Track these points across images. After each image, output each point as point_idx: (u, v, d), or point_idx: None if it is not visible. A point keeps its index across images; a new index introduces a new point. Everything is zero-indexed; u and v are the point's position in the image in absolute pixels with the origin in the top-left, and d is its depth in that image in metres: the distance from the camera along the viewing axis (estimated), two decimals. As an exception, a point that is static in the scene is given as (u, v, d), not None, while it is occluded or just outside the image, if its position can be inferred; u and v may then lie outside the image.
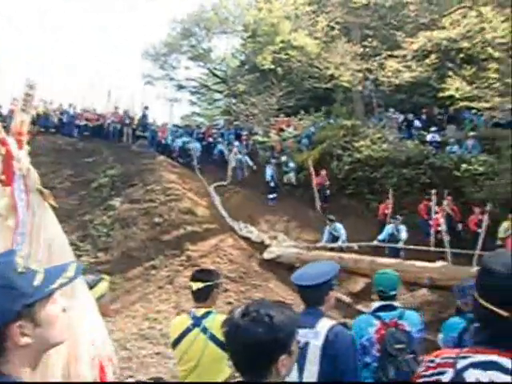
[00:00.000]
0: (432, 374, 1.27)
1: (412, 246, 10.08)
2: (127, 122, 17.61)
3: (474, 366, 1.19)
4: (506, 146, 12.61)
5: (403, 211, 12.56)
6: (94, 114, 17.98)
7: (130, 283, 9.47)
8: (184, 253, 10.39)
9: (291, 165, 15.01)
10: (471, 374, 1.17)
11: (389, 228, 10.78)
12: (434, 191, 11.12)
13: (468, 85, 12.49)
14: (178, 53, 26.09)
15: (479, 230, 10.26)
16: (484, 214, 10.46)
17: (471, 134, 13.89)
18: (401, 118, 15.78)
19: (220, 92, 27.13)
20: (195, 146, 16.36)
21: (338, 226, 11.09)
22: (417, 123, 15.51)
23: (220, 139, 17.76)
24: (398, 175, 13.63)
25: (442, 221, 10.51)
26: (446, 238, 10.09)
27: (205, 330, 2.82)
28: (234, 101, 22.12)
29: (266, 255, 10.42)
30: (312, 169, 13.86)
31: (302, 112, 18.01)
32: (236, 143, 16.45)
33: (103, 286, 2.64)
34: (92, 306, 1.83)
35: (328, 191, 13.89)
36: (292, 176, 14.86)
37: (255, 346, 1.25)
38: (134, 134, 17.51)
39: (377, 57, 15.20)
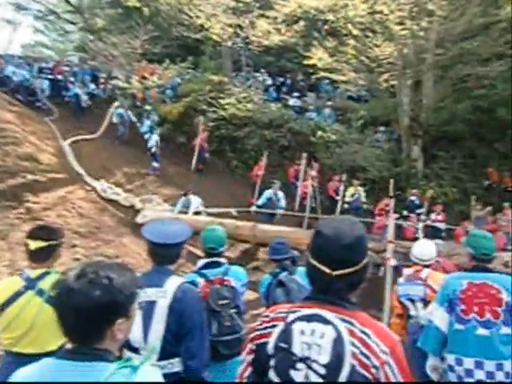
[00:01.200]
0: (265, 328, 1.38)
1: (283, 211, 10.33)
2: None
3: (301, 318, 1.31)
4: (356, 118, 13.91)
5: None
6: None
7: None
8: (23, 204, 8.95)
9: (154, 117, 14.10)
10: (297, 326, 1.31)
11: (267, 193, 10.58)
12: (305, 155, 11.62)
13: (329, 57, 13.18)
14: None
15: (337, 197, 11.17)
16: (341, 182, 11.37)
17: (328, 103, 14.90)
18: (268, 80, 16.04)
19: (73, 23, 23.70)
20: (42, 84, 14.10)
21: (194, 199, 10.13)
22: (282, 87, 15.98)
23: (72, 78, 15.66)
24: (260, 136, 13.99)
25: (309, 187, 11.01)
26: (311, 204, 10.74)
27: (41, 293, 2.55)
28: (90, 37, 19.56)
29: (140, 219, 9.36)
30: (201, 129, 13.09)
31: (168, 61, 16.96)
32: (92, 86, 14.69)
33: None
34: None
35: (207, 154, 13.36)
36: (144, 124, 13.85)
37: (90, 309, 1.18)
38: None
39: (249, 14, 14.99)
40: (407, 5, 12.07)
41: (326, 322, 1.29)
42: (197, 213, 9.87)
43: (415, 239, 7.76)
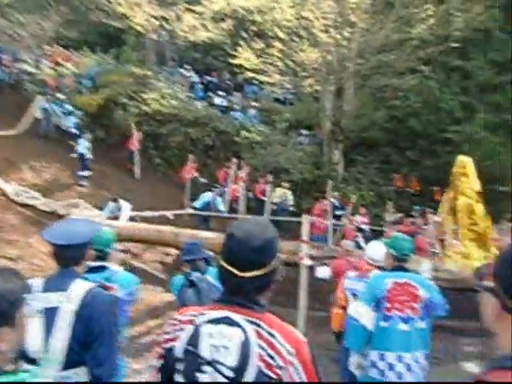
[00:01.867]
0: (174, 331, 1.36)
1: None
2: None
3: (210, 321, 1.31)
4: (280, 120, 14.08)
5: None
6: None
7: None
8: None
9: (68, 107, 13.01)
10: (206, 329, 1.30)
11: (206, 197, 10.13)
12: (234, 160, 11.46)
13: (256, 58, 13.19)
14: None
15: (265, 198, 11.14)
16: (268, 184, 11.39)
17: (254, 104, 14.91)
18: (194, 77, 15.64)
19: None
20: None
21: (125, 205, 9.31)
22: (208, 85, 15.68)
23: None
24: (184, 134, 13.58)
25: (239, 190, 10.90)
26: (241, 208, 10.57)
27: None
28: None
29: None
30: (134, 130, 12.34)
31: (86, 48, 15.82)
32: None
33: None
34: None
35: (138, 157, 12.56)
36: (69, 120, 12.86)
37: None
38: None
39: (175, 7, 14.52)
40: (331, 14, 12.53)
41: (234, 324, 1.30)
42: (131, 219, 9.20)
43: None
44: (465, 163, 3.45)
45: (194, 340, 1.30)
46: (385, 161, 13.58)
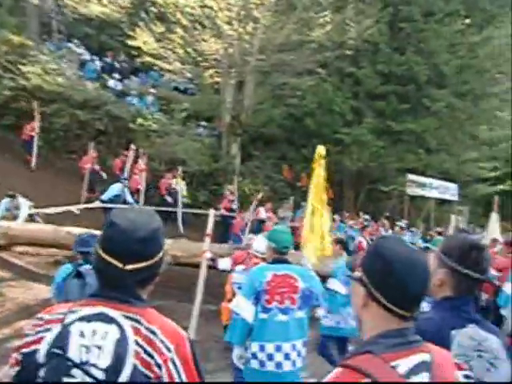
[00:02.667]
0: (38, 332, 1.22)
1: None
2: None
3: (81, 318, 1.20)
4: (179, 110, 13.56)
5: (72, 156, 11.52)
6: None
7: None
8: None
9: None
10: (76, 327, 1.19)
11: (116, 189, 9.40)
12: (133, 147, 10.66)
13: (156, 42, 12.53)
14: None
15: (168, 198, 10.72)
16: (175, 178, 10.84)
17: (152, 90, 14.16)
18: (85, 54, 14.25)
19: None
20: None
21: (23, 202, 8.21)
22: (102, 65, 14.44)
23: None
24: (71, 116, 12.33)
25: (141, 181, 10.25)
26: (141, 200, 9.91)
27: None
28: None
29: None
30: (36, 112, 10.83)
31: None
32: None
33: None
34: None
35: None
36: None
37: None
38: None
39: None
40: (236, 6, 12.41)
41: (110, 320, 1.20)
42: (30, 216, 8.04)
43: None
44: (321, 152, 3.79)
45: (60, 341, 1.17)
46: (281, 157, 13.90)
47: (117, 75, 14.23)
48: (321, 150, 4.02)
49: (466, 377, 1.20)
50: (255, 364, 2.97)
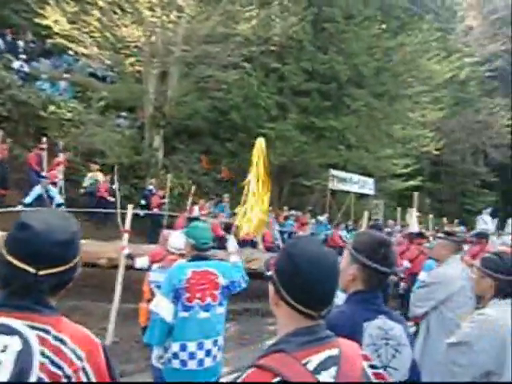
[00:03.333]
0: None
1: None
2: None
3: None
4: (97, 99, 12.69)
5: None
6: None
7: None
8: None
9: None
10: None
11: (36, 190, 8.83)
12: (44, 139, 9.80)
13: (69, 23, 11.56)
14: None
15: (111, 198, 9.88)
16: (115, 175, 10.09)
17: (66, 76, 13.10)
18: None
19: None
20: None
21: None
22: (5, 45, 13.02)
23: None
24: (-36, 98, 11.00)
25: (58, 176, 9.54)
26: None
27: None
28: None
29: None
30: None
31: None
32: None
33: None
34: None
35: None
36: None
37: None
38: None
39: None
40: (158, -8, 11.87)
41: (11, 332, 1.12)
42: None
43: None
44: (261, 144, 3.69)
45: None
46: (206, 151, 13.63)
47: (23, 56, 12.93)
48: (261, 142, 3.84)
49: (371, 366, 1.20)
50: (176, 364, 2.92)
